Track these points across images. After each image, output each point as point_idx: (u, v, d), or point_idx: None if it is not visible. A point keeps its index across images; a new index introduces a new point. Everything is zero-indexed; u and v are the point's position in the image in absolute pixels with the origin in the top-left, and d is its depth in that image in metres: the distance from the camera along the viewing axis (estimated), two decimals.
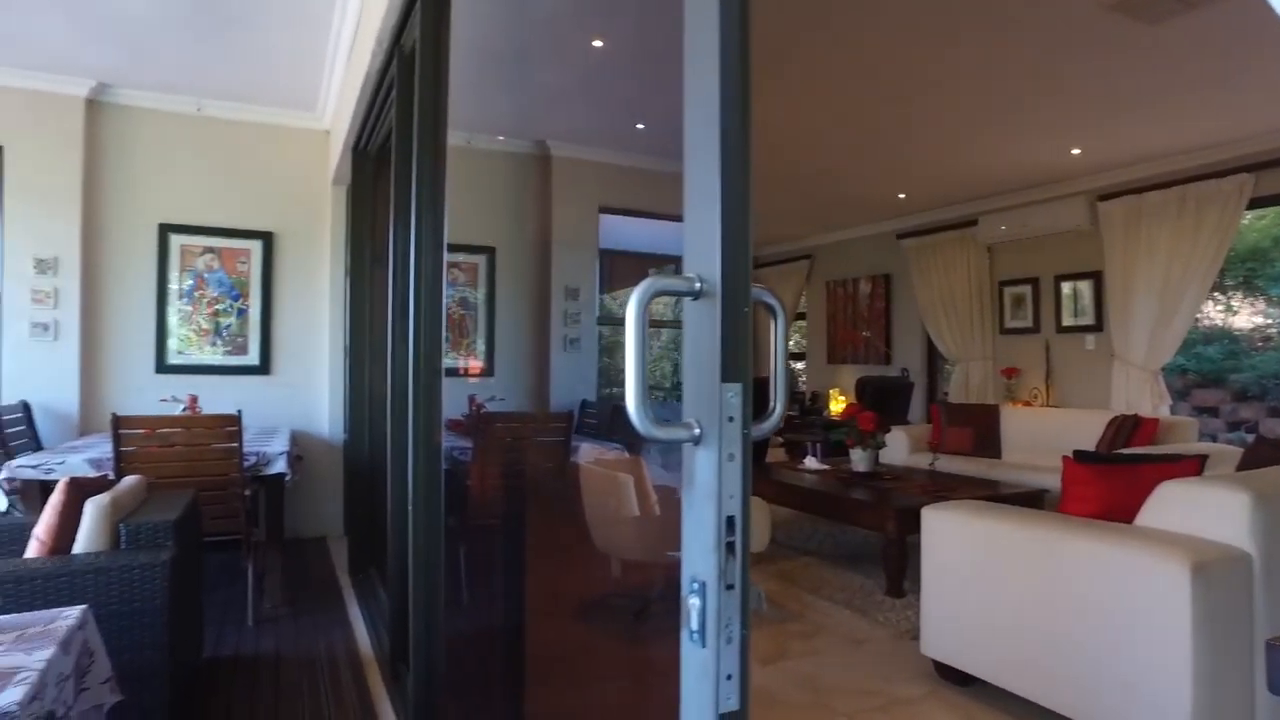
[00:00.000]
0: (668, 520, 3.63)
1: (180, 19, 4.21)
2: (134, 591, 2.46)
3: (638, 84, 4.96)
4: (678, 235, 3.65)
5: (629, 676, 3.26)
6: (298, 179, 5.57)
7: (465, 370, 5.91)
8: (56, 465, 3.65)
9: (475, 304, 5.66)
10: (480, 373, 5.84)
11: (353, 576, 4.52)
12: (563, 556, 3.85)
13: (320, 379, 5.56)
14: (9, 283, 4.83)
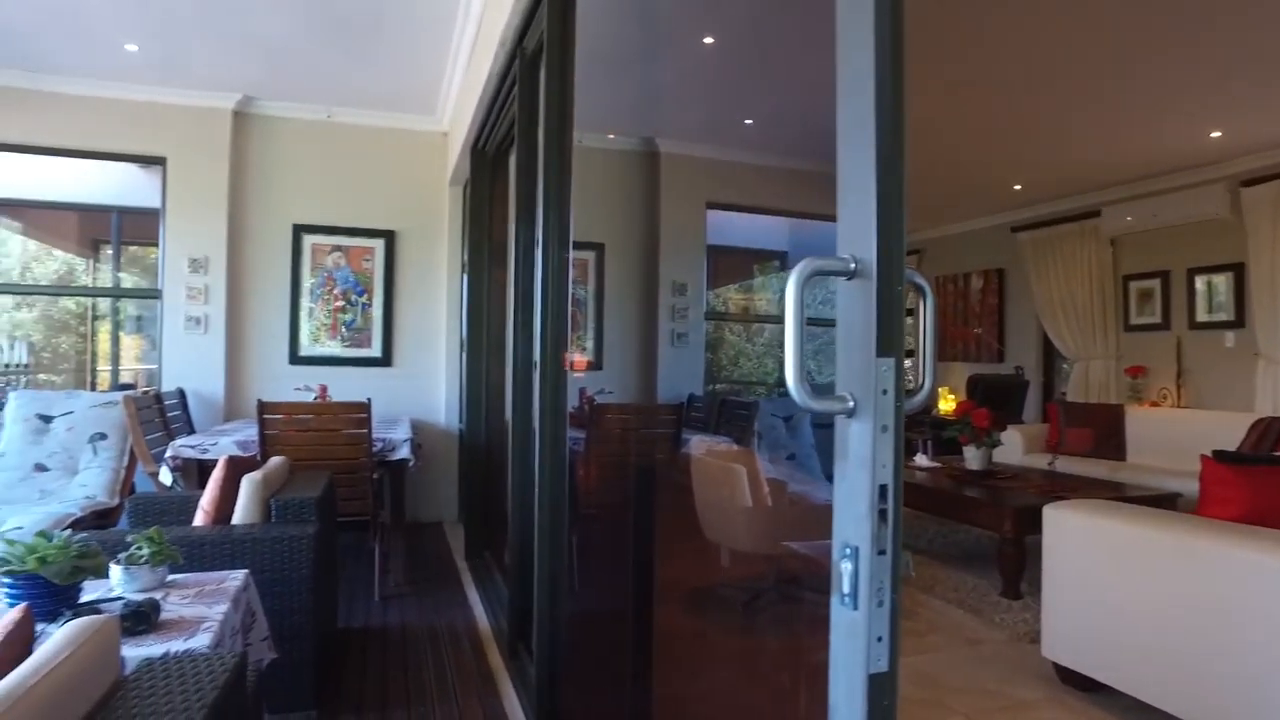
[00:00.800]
0: (779, 512, 3.65)
1: (314, 34, 4.49)
2: (284, 560, 2.67)
3: (748, 79, 4.98)
4: (781, 230, 3.68)
5: (738, 665, 3.29)
6: (418, 179, 5.85)
7: (572, 364, 6.06)
8: (210, 446, 3.97)
9: (585, 300, 5.80)
10: (588, 366, 5.98)
11: (469, 560, 4.72)
12: (672, 545, 3.91)
13: (437, 371, 5.82)
14: (169, 281, 5.29)
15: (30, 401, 4.57)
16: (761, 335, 6.92)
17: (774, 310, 6.90)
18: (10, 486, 4.28)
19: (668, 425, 4.59)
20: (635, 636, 3.12)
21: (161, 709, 1.19)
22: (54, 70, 5.02)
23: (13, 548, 1.88)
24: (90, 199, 7.02)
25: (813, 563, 3.49)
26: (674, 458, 4.32)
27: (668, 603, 3.80)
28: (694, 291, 6.35)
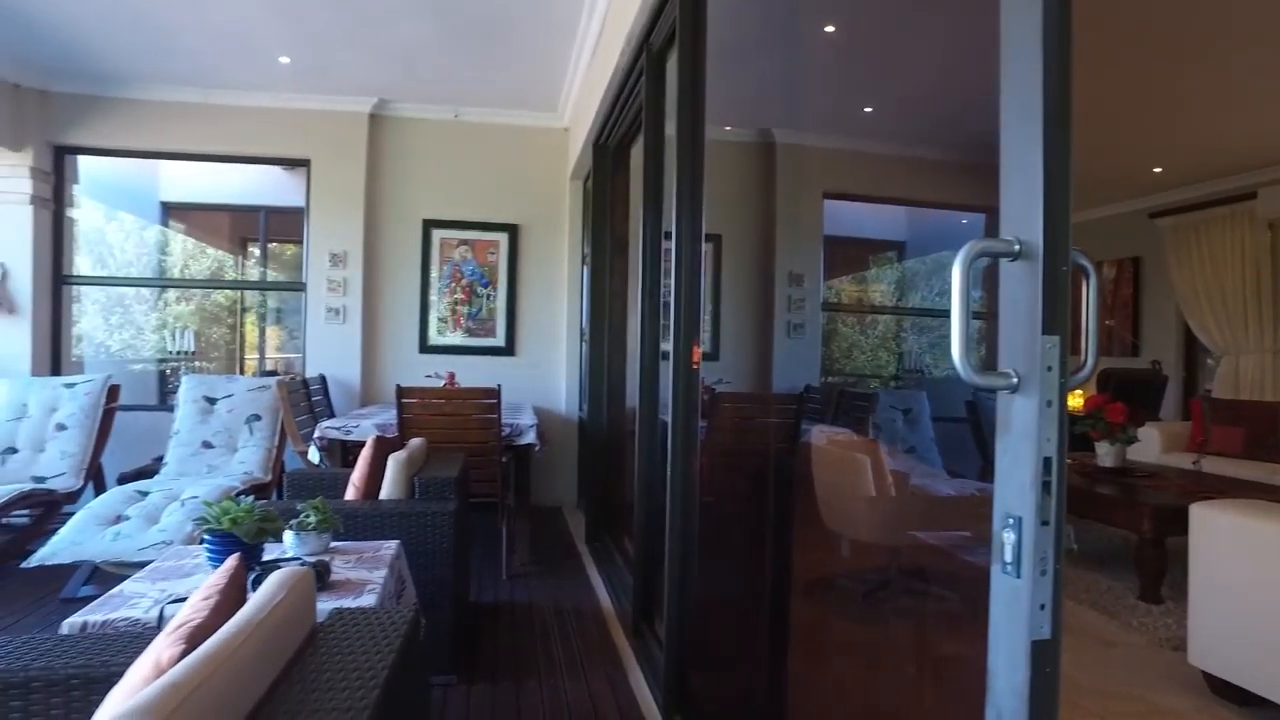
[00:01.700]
0: (903, 503, 3.61)
1: (445, 38, 4.72)
2: (427, 534, 2.85)
3: (869, 67, 4.90)
4: (898, 219, 3.60)
5: (862, 655, 3.28)
6: (540, 175, 6.04)
7: None
8: (353, 427, 4.26)
9: (702, 290, 5.86)
10: (704, 357, 6.04)
11: (589, 544, 4.87)
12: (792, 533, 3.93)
13: (558, 359, 6.01)
14: (312, 274, 5.69)
15: (198, 385, 5.01)
16: (875, 327, 6.79)
17: (888, 302, 6.78)
18: (184, 460, 4.71)
19: (786, 415, 4.60)
20: (762, 623, 3.16)
21: (357, 651, 1.33)
22: (219, 85, 5.48)
23: (210, 509, 2.11)
24: (240, 200, 7.59)
25: (938, 554, 3.45)
26: (793, 447, 4.33)
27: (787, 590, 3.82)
28: (810, 282, 6.31)
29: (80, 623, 1.81)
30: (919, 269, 6.09)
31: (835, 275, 7.40)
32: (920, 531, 3.57)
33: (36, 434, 4.75)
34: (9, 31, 4.71)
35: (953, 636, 2.95)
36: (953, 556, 3.19)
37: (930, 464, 4.09)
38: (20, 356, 5.42)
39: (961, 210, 5.17)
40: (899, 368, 5.85)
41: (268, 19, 4.49)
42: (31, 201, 5.42)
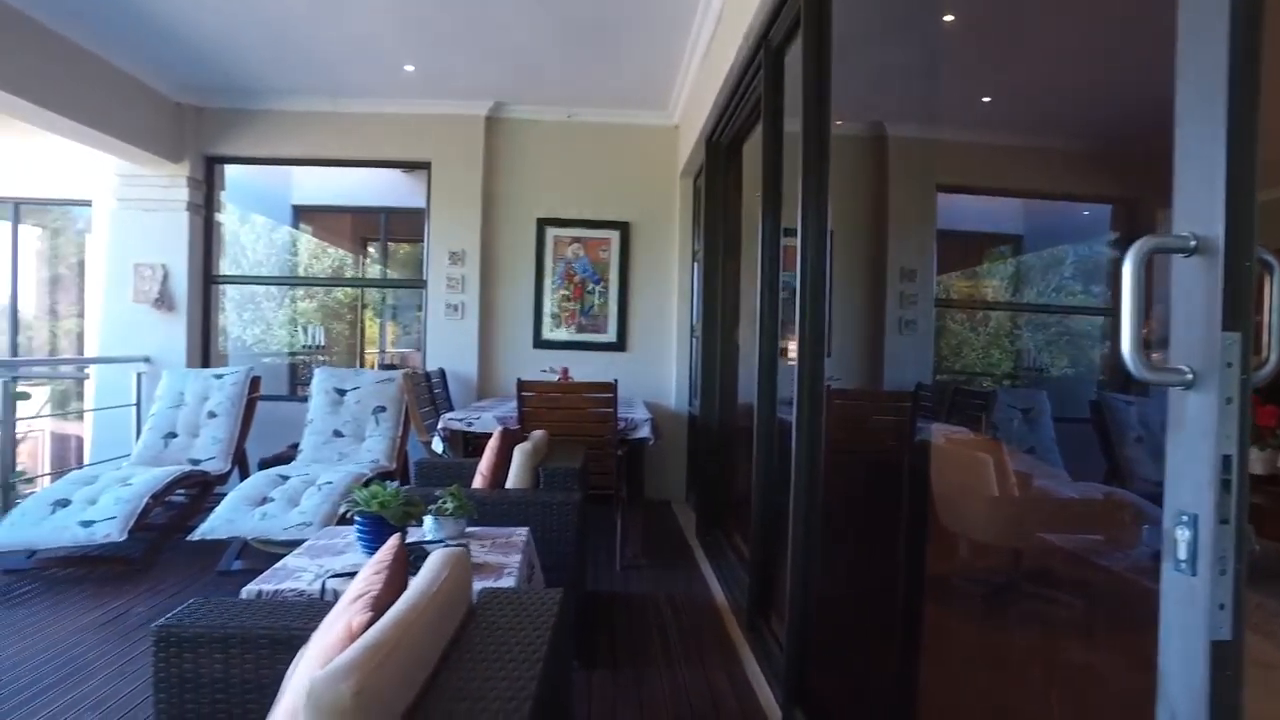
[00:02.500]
0: (1027, 504, 3.50)
1: (557, 41, 4.85)
2: (552, 522, 2.95)
3: (990, 54, 4.75)
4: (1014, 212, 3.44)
5: (982, 657, 3.21)
6: (650, 173, 6.12)
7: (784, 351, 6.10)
8: (474, 419, 4.44)
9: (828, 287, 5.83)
10: None
11: (699, 537, 4.91)
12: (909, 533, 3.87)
13: (668, 355, 6.08)
14: (432, 272, 5.95)
15: (329, 377, 5.32)
16: (987, 324, 6.55)
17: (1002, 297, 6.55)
18: (317, 448, 5.02)
19: (899, 413, 4.52)
20: (881, 623, 3.13)
21: (514, 628, 1.41)
22: (349, 94, 5.81)
23: (360, 493, 2.26)
24: (362, 202, 7.98)
25: (1066, 557, 3.32)
26: (907, 445, 4.25)
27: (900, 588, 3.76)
28: (923, 277, 6.15)
29: (256, 590, 1.99)
30: (1035, 263, 5.86)
31: (947, 270, 7.20)
32: (1046, 534, 3.45)
33: (191, 420, 5.15)
34: (174, 56, 5.13)
35: (1084, 643, 2.84)
36: (1082, 561, 3.07)
37: (1051, 465, 3.94)
38: (177, 350, 5.89)
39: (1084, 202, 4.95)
40: (1014, 366, 5.65)
41: (396, 30, 4.72)
42: (187, 208, 5.89)
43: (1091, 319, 3.38)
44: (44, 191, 7.17)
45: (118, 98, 5.29)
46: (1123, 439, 3.72)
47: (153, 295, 5.84)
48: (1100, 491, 3.18)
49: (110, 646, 3.20)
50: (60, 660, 3.07)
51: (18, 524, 4.00)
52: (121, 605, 3.67)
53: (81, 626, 3.43)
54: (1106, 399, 3.60)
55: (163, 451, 5.05)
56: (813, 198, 2.68)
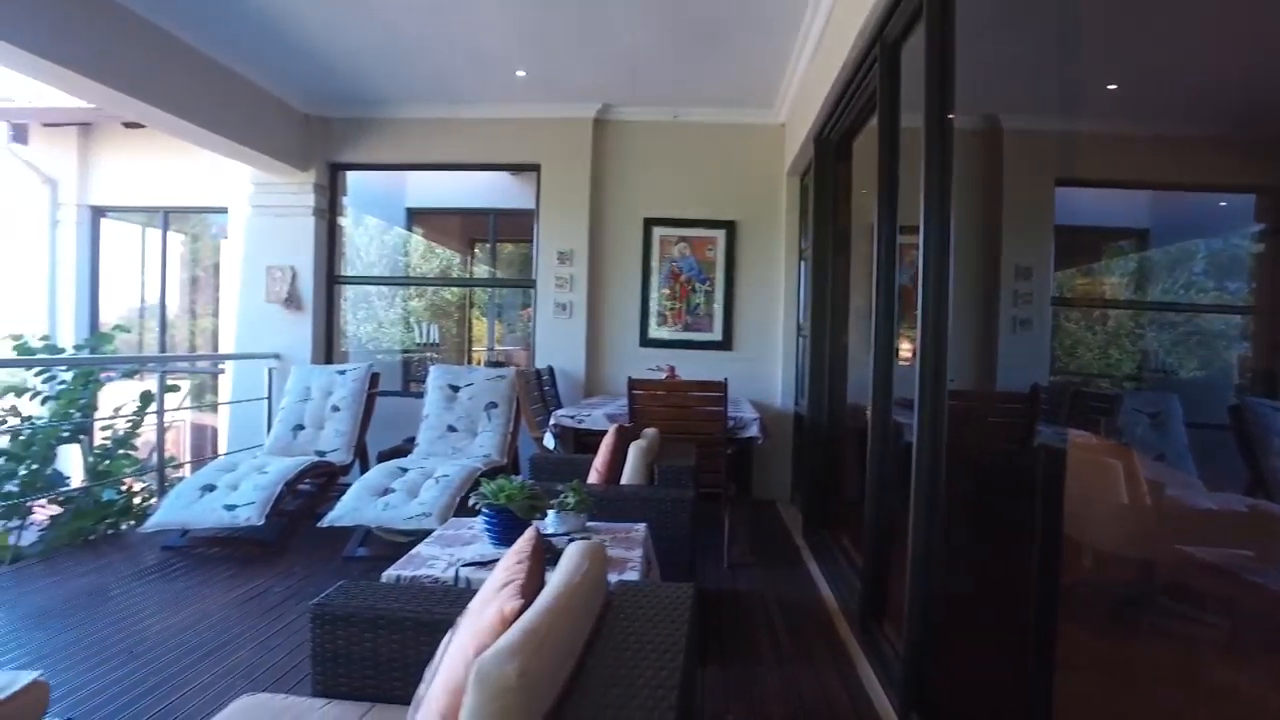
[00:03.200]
0: (1160, 513, 3.32)
1: (665, 43, 4.90)
2: (667, 519, 2.99)
3: (1118, 38, 4.52)
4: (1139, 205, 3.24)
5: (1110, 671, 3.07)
6: (756, 171, 6.10)
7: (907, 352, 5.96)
8: (585, 416, 4.53)
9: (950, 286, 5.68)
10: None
11: (806, 537, 4.87)
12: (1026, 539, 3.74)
13: (774, 354, 6.05)
14: (541, 272, 6.12)
15: (443, 374, 5.54)
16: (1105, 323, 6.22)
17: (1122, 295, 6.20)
18: (432, 442, 5.24)
19: (1014, 415, 4.36)
20: (1003, 631, 3.04)
21: (651, 620, 1.46)
22: (463, 100, 6.03)
23: (488, 487, 2.36)
24: (471, 204, 8.25)
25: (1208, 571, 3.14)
26: (1025, 449, 4.10)
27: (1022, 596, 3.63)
28: (1039, 275, 5.90)
29: (395, 575, 2.10)
30: (1162, 258, 5.54)
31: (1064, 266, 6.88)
32: (1185, 546, 3.27)
33: (317, 414, 5.46)
34: (305, 72, 5.45)
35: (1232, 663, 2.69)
36: (1229, 576, 2.90)
37: (1185, 472, 3.73)
38: (304, 346, 6.26)
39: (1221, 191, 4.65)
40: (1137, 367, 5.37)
41: (509, 38, 4.87)
42: (314, 213, 6.24)
43: (1228, 318, 3.18)
44: (186, 201, 7.75)
45: (257, 113, 5.67)
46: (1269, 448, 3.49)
47: (283, 295, 6.22)
48: (1243, 503, 3.00)
49: (255, 621, 3.43)
50: (214, 631, 3.32)
51: (173, 505, 4.34)
52: (261, 584, 3.93)
53: (228, 601, 3.69)
54: (1250, 404, 3.38)
55: (292, 442, 5.36)
56: (935, 194, 2.63)
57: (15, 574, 4.09)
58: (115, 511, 5.12)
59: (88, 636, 3.26)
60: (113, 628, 3.36)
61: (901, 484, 3.27)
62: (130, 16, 4.44)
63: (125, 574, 4.10)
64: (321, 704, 1.72)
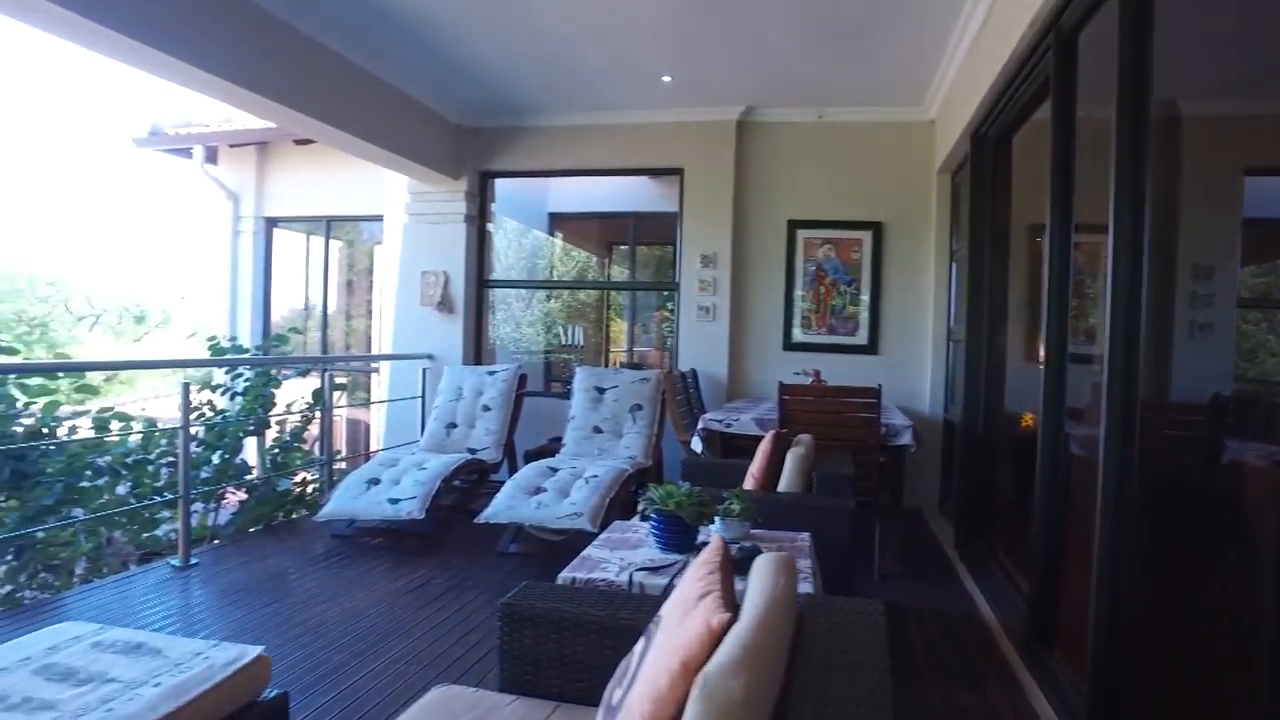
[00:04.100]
0: None
1: (815, 42, 4.82)
2: (825, 527, 2.93)
3: None
4: None
5: None
6: (904, 170, 5.91)
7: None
8: (733, 421, 4.53)
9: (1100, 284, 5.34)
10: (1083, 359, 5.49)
11: (959, 549, 4.68)
12: (1222, 565, 3.44)
13: (922, 358, 5.85)
14: (685, 275, 6.16)
15: (589, 376, 5.67)
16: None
17: None
18: (578, 442, 5.37)
19: (1193, 428, 4.02)
20: (1206, 665, 2.81)
21: (847, 635, 1.43)
22: (607, 106, 6.15)
23: (655, 491, 2.39)
24: (610, 208, 8.39)
25: None
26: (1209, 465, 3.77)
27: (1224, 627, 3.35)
28: (1222, 274, 5.41)
29: (570, 578, 2.17)
30: None
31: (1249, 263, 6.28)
32: None
33: (469, 413, 5.70)
34: (457, 84, 5.71)
35: None
36: None
37: None
38: (456, 348, 6.56)
39: None
40: None
41: (655, 44, 4.93)
42: (465, 220, 6.54)
43: None
44: (346, 210, 8.28)
45: (414, 125, 5.99)
46: None
47: (436, 299, 6.54)
48: None
49: (420, 610, 3.62)
50: (384, 618, 3.53)
51: (342, 497, 4.64)
52: (423, 575, 4.14)
53: (395, 590, 3.91)
54: None
55: (445, 440, 5.63)
56: (1127, 188, 2.46)
57: (212, 553, 4.50)
58: (291, 500, 5.54)
59: (278, 614, 3.54)
60: (297, 608, 3.64)
61: (1078, 499, 3.08)
62: (304, 40, 4.78)
63: (302, 559, 4.42)
64: (510, 700, 1.79)
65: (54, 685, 1.80)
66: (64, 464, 4.49)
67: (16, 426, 4.42)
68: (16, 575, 4.29)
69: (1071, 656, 2.89)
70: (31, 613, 3.55)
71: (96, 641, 2.03)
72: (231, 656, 1.94)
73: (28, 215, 21.73)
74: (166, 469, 5.20)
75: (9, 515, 4.24)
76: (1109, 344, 2.51)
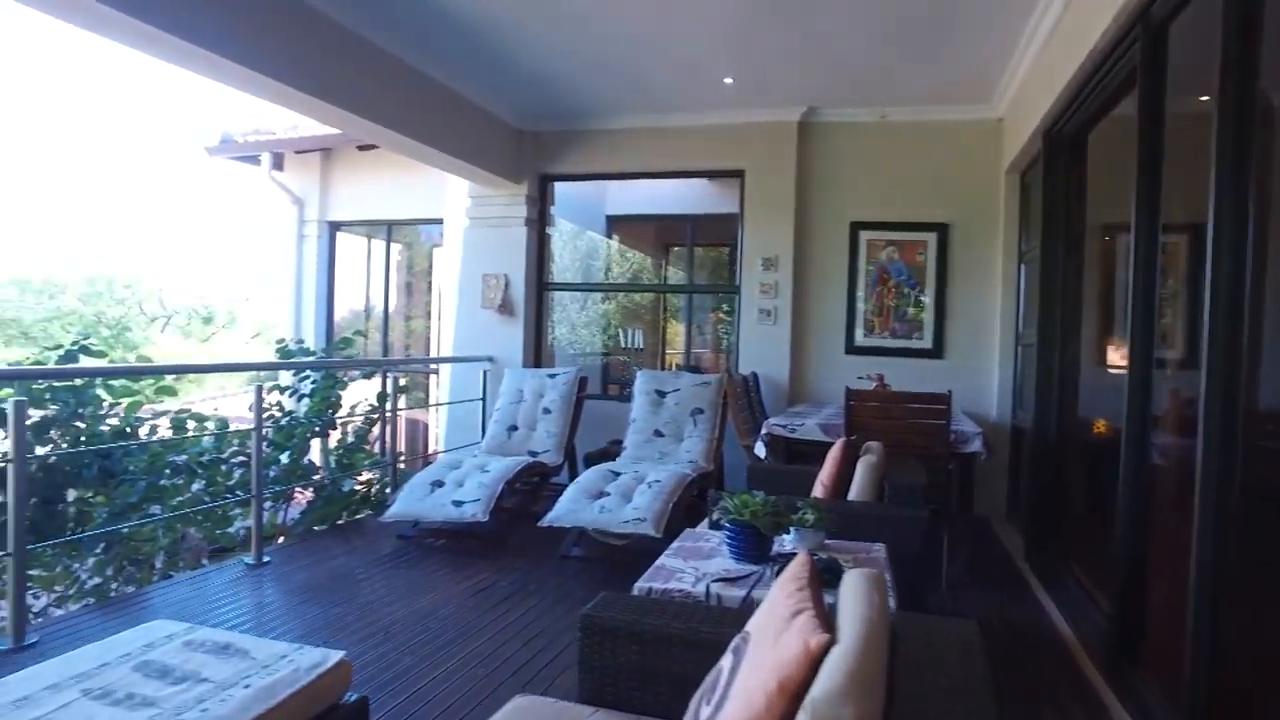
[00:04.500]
0: None
1: (882, 42, 4.73)
2: (898, 538, 2.86)
3: None
4: None
5: None
6: (969, 170, 5.77)
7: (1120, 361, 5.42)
8: (797, 426, 4.47)
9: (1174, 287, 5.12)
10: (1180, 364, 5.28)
11: (1029, 560, 4.54)
12: None
13: (989, 363, 5.70)
14: (746, 278, 6.11)
15: (649, 379, 5.66)
16: None
17: None
18: (639, 446, 5.36)
19: None
20: None
21: (942, 656, 1.39)
22: (668, 109, 6.13)
23: (730, 501, 2.36)
24: (667, 210, 8.37)
25: None
26: None
27: None
28: None
29: (646, 587, 2.15)
30: None
31: None
32: None
33: (530, 415, 5.74)
34: (517, 86, 5.75)
35: None
36: None
37: None
38: (516, 350, 6.61)
39: None
40: None
41: (718, 47, 4.89)
42: (525, 223, 6.59)
43: None
44: (407, 213, 8.42)
45: (476, 130, 6.05)
46: None
47: (497, 302, 6.60)
48: None
49: (487, 613, 3.65)
50: (451, 620, 3.56)
51: (407, 499, 4.71)
52: (486, 578, 4.17)
53: (460, 592, 3.95)
54: None
55: (506, 442, 5.67)
56: (1229, 184, 2.34)
57: (283, 551, 4.61)
58: (357, 500, 5.64)
59: (349, 614, 3.61)
60: (366, 608, 3.70)
61: (1165, 510, 2.96)
62: (374, 49, 4.86)
63: (369, 559, 4.50)
64: (590, 711, 1.78)
65: (153, 682, 1.85)
66: (146, 463, 4.65)
67: (103, 426, 4.58)
68: (104, 568, 4.45)
69: (1162, 678, 2.77)
70: (118, 606, 3.68)
71: (188, 640, 2.09)
72: (315, 660, 1.97)
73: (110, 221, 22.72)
74: (238, 468, 5.35)
75: (99, 511, 4.40)
76: (1207, 349, 2.40)
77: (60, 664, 1.96)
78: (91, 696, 1.79)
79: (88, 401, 4.56)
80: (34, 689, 1.81)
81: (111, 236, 20.41)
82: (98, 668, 1.93)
